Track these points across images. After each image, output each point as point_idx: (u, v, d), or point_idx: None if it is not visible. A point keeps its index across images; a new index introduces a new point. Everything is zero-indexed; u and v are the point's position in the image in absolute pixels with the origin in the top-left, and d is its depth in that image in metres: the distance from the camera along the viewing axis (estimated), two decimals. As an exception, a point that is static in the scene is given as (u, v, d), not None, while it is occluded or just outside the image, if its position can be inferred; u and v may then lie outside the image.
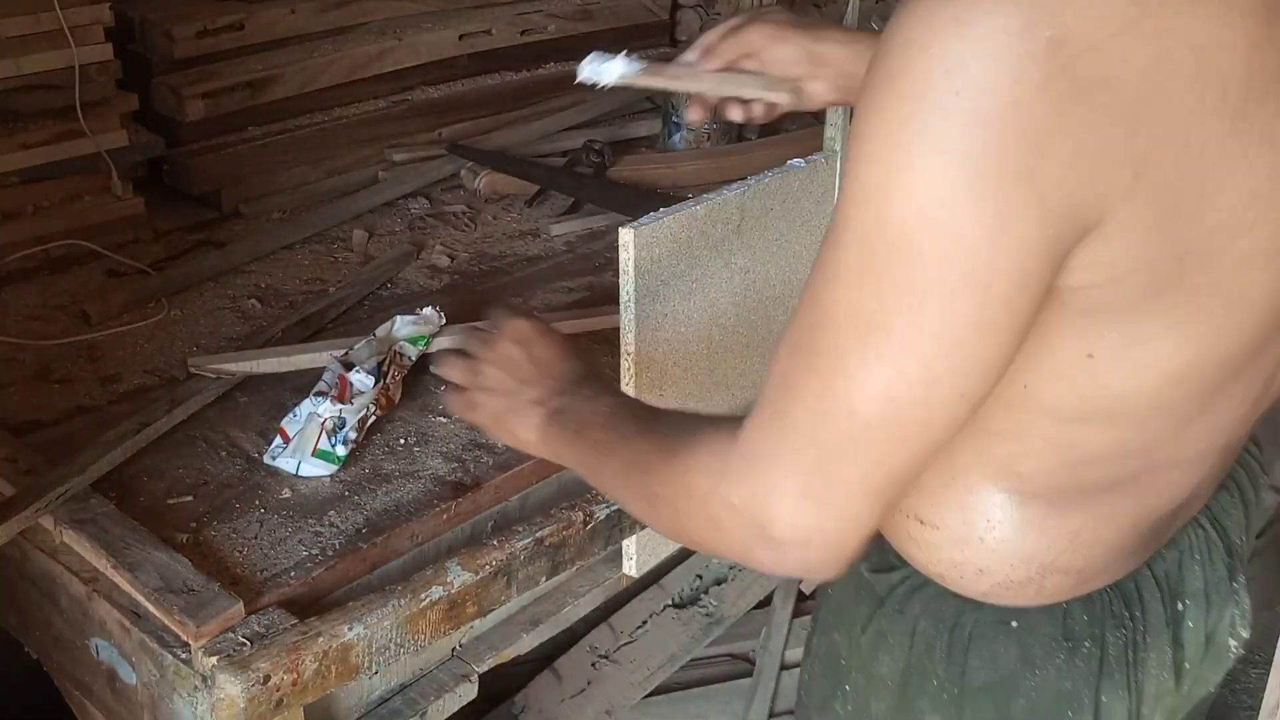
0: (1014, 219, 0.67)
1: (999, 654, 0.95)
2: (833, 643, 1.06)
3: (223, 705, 1.18)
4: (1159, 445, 0.87)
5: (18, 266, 1.95)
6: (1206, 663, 1.02)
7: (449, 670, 1.53)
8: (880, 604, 0.99)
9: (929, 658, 0.97)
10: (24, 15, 1.93)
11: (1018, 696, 0.95)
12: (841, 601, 1.05)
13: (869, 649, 1.00)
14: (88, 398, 1.64)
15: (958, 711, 0.97)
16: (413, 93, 2.56)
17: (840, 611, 1.05)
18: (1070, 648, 0.95)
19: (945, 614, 0.96)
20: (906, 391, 0.72)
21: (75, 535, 1.32)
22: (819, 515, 0.76)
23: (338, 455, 1.47)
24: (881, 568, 1.00)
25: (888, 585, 0.99)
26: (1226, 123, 0.70)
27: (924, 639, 0.97)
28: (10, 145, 1.96)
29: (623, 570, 1.68)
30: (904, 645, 0.98)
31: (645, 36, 3.00)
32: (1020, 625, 0.95)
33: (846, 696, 1.05)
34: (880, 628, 0.99)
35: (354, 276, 1.99)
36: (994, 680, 0.96)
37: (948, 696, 0.97)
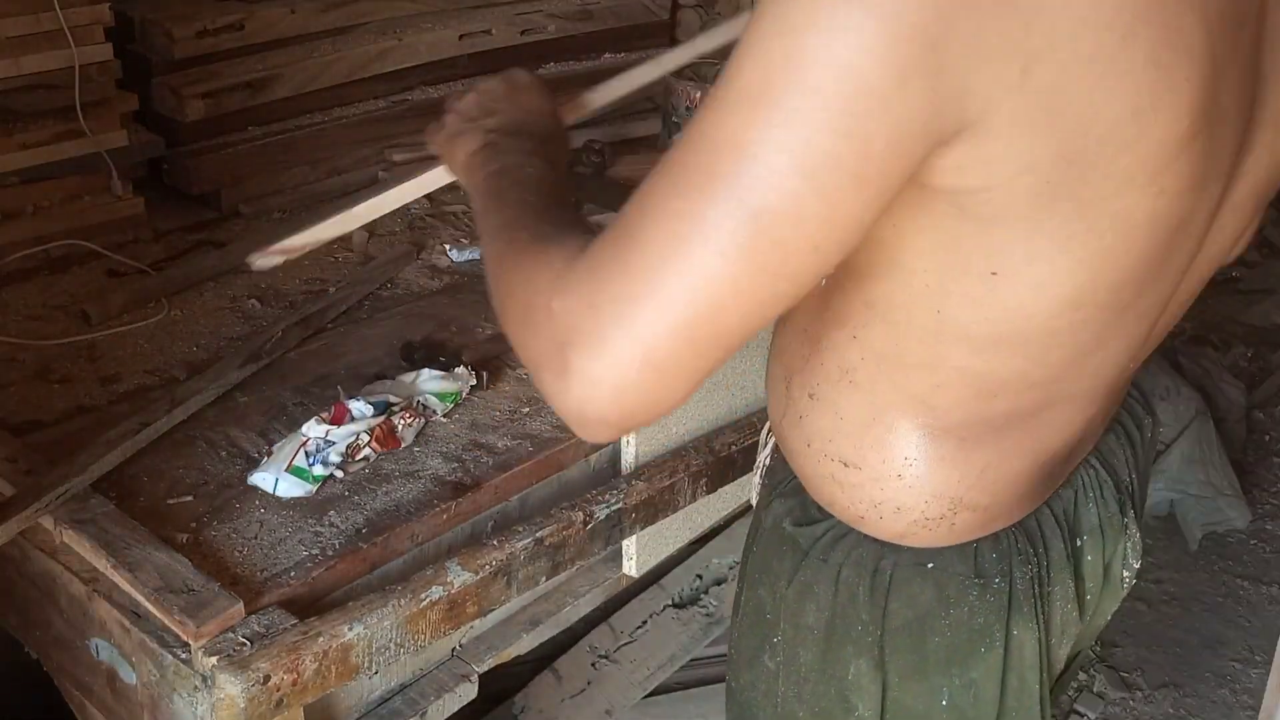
0: (912, 82, 0.69)
1: (916, 595, 0.99)
2: (758, 599, 1.08)
3: (223, 705, 1.18)
4: (1058, 378, 0.92)
5: (18, 266, 1.95)
6: (1105, 594, 1.10)
7: (449, 670, 1.53)
8: (805, 556, 1.02)
9: (852, 604, 1.00)
10: (24, 15, 1.92)
11: (934, 635, 1.00)
12: (765, 558, 1.07)
13: (795, 600, 1.03)
14: (88, 398, 1.64)
15: (879, 653, 1.00)
16: (413, 93, 2.56)
17: (764, 568, 1.07)
18: (981, 585, 1.00)
19: (866, 560, 0.99)
20: (769, 228, 0.71)
21: (75, 535, 1.32)
22: (627, 354, 0.74)
23: (314, 475, 1.45)
24: (804, 521, 1.03)
25: (811, 537, 1.02)
26: (1117, 38, 0.72)
27: (847, 586, 1.00)
28: (10, 145, 1.96)
29: (622, 570, 1.68)
30: (829, 594, 1.01)
31: (645, 36, 3.00)
32: (935, 565, 0.99)
33: (775, 649, 1.07)
34: (806, 579, 1.02)
35: (354, 277, 1.99)
36: (911, 620, 1.00)
37: (871, 639, 1.00)
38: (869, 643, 1.01)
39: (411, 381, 1.64)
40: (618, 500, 1.49)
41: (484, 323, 1.87)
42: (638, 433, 1.56)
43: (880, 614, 1.00)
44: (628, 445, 1.57)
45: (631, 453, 1.57)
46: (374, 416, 1.52)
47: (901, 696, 1.02)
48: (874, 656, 1.01)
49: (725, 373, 1.68)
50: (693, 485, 1.59)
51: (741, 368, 1.70)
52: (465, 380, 1.66)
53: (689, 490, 1.59)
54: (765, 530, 1.07)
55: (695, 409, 1.65)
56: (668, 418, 1.60)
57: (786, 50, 0.70)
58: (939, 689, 1.02)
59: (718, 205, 0.71)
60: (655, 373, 0.74)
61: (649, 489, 1.52)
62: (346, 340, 1.80)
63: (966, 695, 1.02)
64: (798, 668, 1.05)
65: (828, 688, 1.04)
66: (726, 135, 0.72)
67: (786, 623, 1.05)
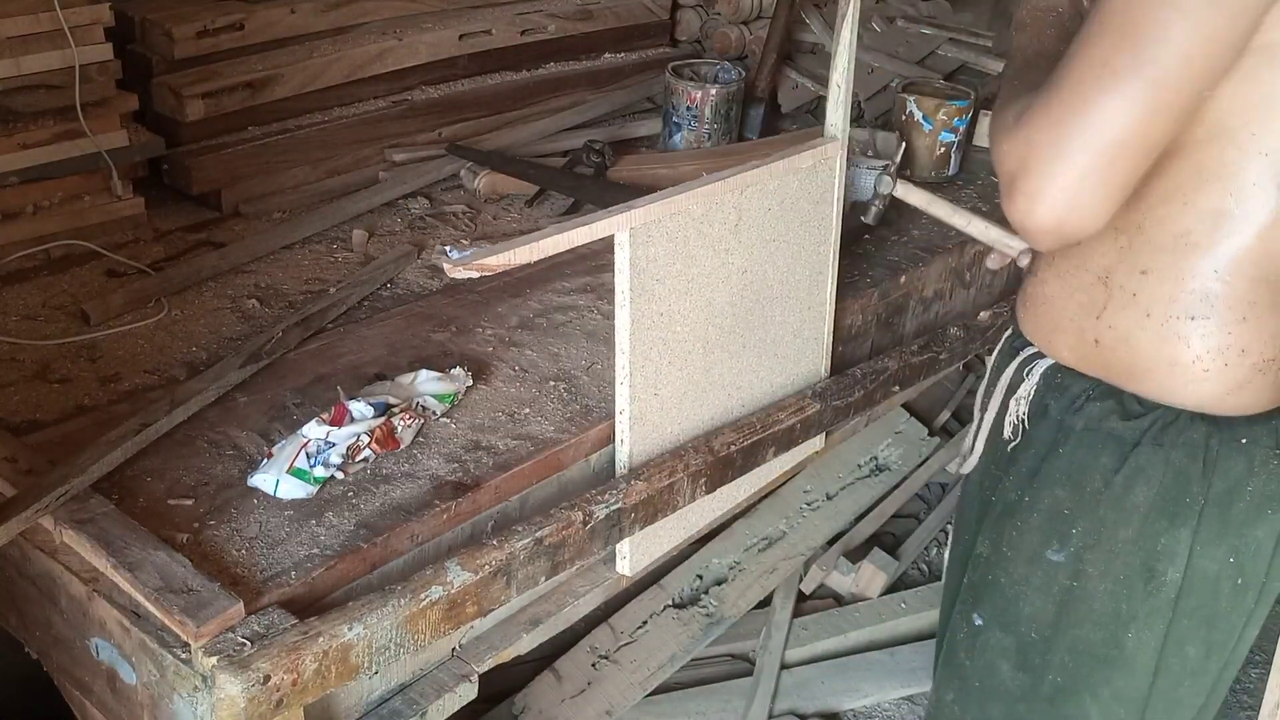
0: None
1: (1231, 468, 1.18)
2: (1055, 498, 1.25)
3: (223, 705, 1.18)
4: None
5: (18, 266, 1.96)
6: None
7: (449, 670, 1.53)
8: (1135, 446, 1.20)
9: (1180, 481, 1.18)
10: (24, 15, 1.93)
11: (1239, 500, 1.19)
12: (1075, 458, 1.24)
13: (1124, 485, 1.20)
14: (88, 398, 1.64)
15: (1197, 521, 1.19)
16: (413, 93, 2.56)
17: (1073, 468, 1.24)
18: (1279, 454, 1.19)
19: (1197, 440, 1.18)
20: (1176, 80, 1.01)
21: (75, 535, 1.32)
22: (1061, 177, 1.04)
23: (315, 477, 1.45)
24: (1130, 416, 1.20)
25: (1138, 429, 1.20)
26: None
27: (1175, 466, 1.18)
28: (10, 145, 1.96)
29: (617, 570, 1.68)
30: (1159, 474, 1.19)
31: (645, 36, 3.00)
32: (1248, 440, 1.19)
33: (1068, 540, 1.24)
34: (1138, 463, 1.20)
35: (354, 277, 1.99)
36: (1223, 490, 1.19)
37: (1196, 509, 1.19)
38: (1193, 512, 1.19)
39: (410, 383, 1.64)
40: (617, 500, 1.49)
41: (483, 322, 1.88)
42: (631, 432, 1.56)
43: (1207, 486, 1.18)
44: (621, 445, 1.57)
45: (625, 452, 1.57)
46: (374, 418, 1.52)
47: (1201, 559, 1.20)
48: (1192, 525, 1.19)
49: (721, 372, 1.68)
50: (692, 485, 1.59)
51: (738, 367, 1.70)
52: (462, 380, 1.67)
53: (688, 490, 1.59)
54: (1077, 433, 1.23)
55: (691, 409, 1.65)
56: (662, 419, 1.60)
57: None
58: (1233, 548, 1.21)
59: (1125, 53, 1.01)
60: (1082, 189, 1.04)
61: (648, 489, 1.52)
62: (346, 340, 1.80)
63: (1249, 552, 1.22)
64: (1111, 546, 1.22)
65: (1134, 559, 1.21)
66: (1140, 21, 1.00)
67: (1106, 508, 1.21)
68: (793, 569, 2.56)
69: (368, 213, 2.23)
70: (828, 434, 1.92)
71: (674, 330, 1.56)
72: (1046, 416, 1.28)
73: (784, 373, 1.79)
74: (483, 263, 1.33)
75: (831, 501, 2.69)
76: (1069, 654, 1.27)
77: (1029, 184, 1.05)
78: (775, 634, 2.43)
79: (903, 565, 2.66)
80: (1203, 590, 1.22)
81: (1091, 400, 1.23)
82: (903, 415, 2.85)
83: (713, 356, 1.65)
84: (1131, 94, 1.01)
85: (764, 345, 1.73)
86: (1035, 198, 1.05)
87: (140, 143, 2.13)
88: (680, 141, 2.55)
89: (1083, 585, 1.25)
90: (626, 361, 1.51)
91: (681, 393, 1.61)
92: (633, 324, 1.50)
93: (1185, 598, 1.22)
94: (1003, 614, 1.31)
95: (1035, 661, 1.29)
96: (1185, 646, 1.25)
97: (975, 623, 1.34)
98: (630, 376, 1.52)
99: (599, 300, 1.96)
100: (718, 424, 1.69)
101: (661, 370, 1.57)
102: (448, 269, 1.31)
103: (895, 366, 1.94)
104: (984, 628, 1.33)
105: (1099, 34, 1.03)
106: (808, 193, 1.73)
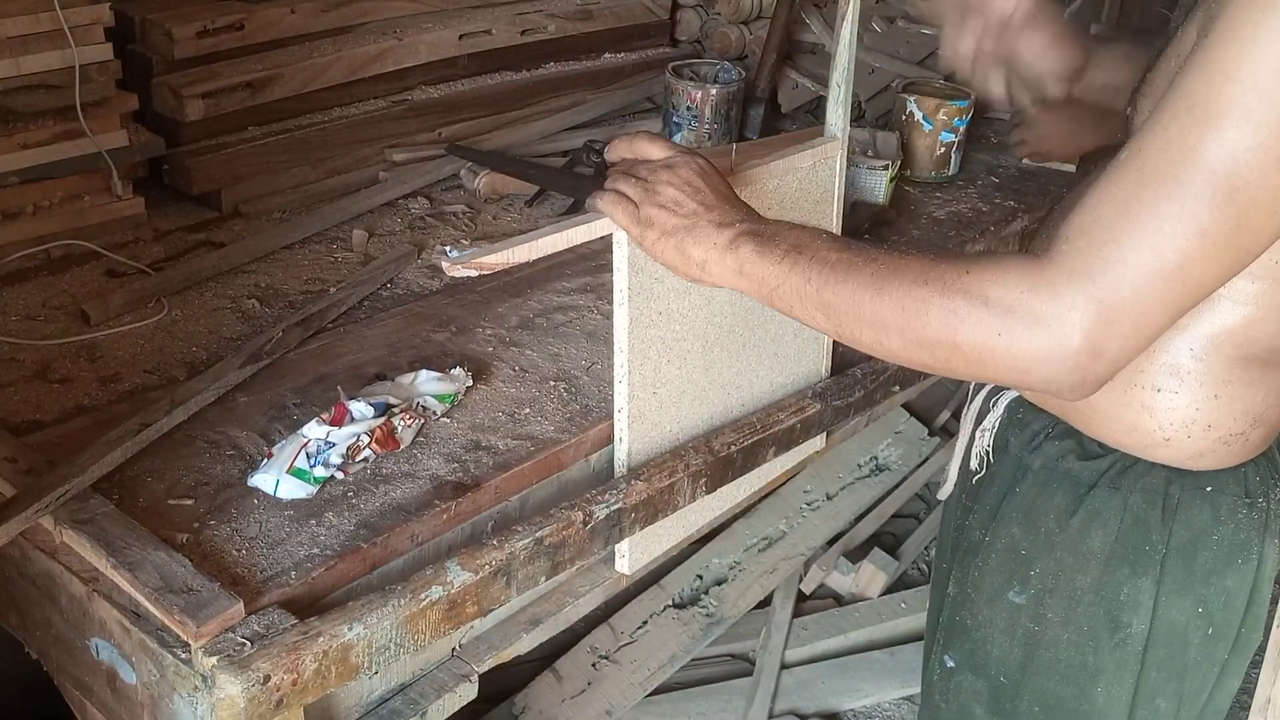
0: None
1: (1194, 516, 1.14)
2: (1011, 537, 1.21)
3: (223, 705, 1.18)
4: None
5: (18, 266, 1.95)
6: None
7: (449, 670, 1.53)
8: (1090, 488, 1.15)
9: (1139, 527, 1.14)
10: (24, 15, 1.92)
11: (1204, 550, 1.15)
12: (1030, 498, 1.20)
13: (1079, 529, 1.16)
14: (88, 398, 1.64)
15: (1159, 571, 1.15)
16: (413, 93, 2.56)
17: (1029, 508, 1.20)
18: (1249, 503, 1.16)
19: (1157, 486, 1.14)
20: (1225, 233, 0.91)
21: (75, 535, 1.32)
22: (1117, 337, 0.93)
23: (315, 476, 1.45)
24: (1087, 456, 1.16)
25: (1095, 471, 1.15)
26: None
27: (1133, 512, 1.14)
28: (10, 145, 1.96)
29: (616, 569, 1.68)
30: (1116, 519, 1.15)
31: (645, 36, 3.00)
32: (1213, 488, 1.14)
33: (1027, 583, 1.21)
34: (1093, 507, 1.16)
35: (354, 277, 1.99)
36: (1187, 540, 1.15)
37: (1156, 558, 1.14)
38: (1154, 561, 1.15)
39: (410, 383, 1.64)
40: (617, 500, 1.49)
41: (483, 322, 1.88)
42: (630, 430, 1.56)
43: (1167, 534, 1.14)
44: (620, 443, 1.57)
45: (624, 450, 1.57)
46: (374, 418, 1.52)
47: (1167, 610, 1.17)
48: (1154, 575, 1.15)
49: (721, 372, 1.68)
50: (692, 485, 1.59)
51: (737, 367, 1.70)
52: (462, 380, 1.67)
53: (688, 490, 1.59)
54: (1034, 472, 1.20)
55: (690, 408, 1.65)
56: (661, 418, 1.60)
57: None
58: (1200, 599, 1.17)
59: (1227, 223, 0.90)
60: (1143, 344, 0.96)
61: (648, 489, 1.52)
62: (346, 340, 1.80)
63: (1219, 603, 1.17)
64: (1070, 592, 1.18)
65: (1097, 609, 1.17)
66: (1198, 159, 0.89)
67: (1062, 550, 1.17)
68: (793, 569, 2.56)
69: (368, 213, 2.23)
70: (828, 434, 1.92)
71: (673, 329, 1.57)
72: (1007, 452, 1.25)
73: (784, 372, 1.80)
74: (481, 261, 1.33)
75: (831, 501, 2.70)
76: (1039, 705, 1.23)
77: (1107, 345, 0.94)
78: (775, 634, 2.44)
79: (903, 565, 2.66)
80: (1171, 642, 1.18)
81: (1050, 439, 1.19)
82: (903, 415, 2.86)
83: (712, 355, 1.65)
84: (1222, 260, 0.93)
85: (764, 344, 1.73)
86: (1099, 359, 0.95)
87: (140, 143, 2.13)
88: (680, 141, 2.55)
89: (1045, 631, 1.21)
90: (625, 360, 1.51)
91: (680, 391, 1.62)
92: (631, 322, 1.50)
93: (1153, 649, 1.18)
94: (971, 656, 1.28)
95: (1006, 707, 1.26)
96: (1156, 700, 1.21)
97: (947, 664, 1.32)
98: (629, 375, 1.52)
99: (599, 300, 1.96)
100: (717, 423, 1.69)
101: (660, 369, 1.57)
102: (446, 268, 1.30)
103: (895, 366, 1.95)
104: (955, 670, 1.30)
105: (1197, 188, 0.90)
106: (808, 192, 1.73)
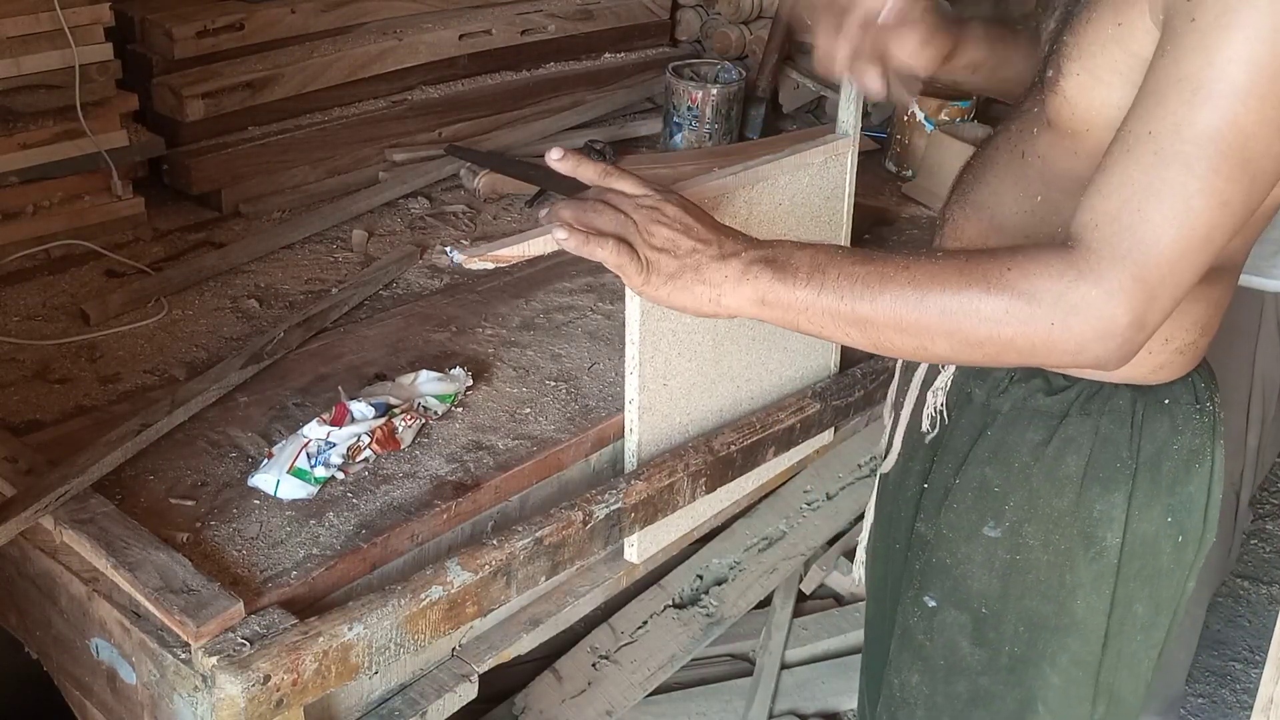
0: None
1: (1156, 430, 1.21)
2: (983, 477, 1.27)
3: (223, 705, 1.18)
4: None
5: (18, 266, 1.95)
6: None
7: (449, 670, 1.53)
8: (1061, 419, 1.21)
9: (1109, 446, 1.21)
10: (24, 15, 1.92)
11: (1166, 460, 1.22)
12: (999, 438, 1.25)
13: (1054, 456, 1.22)
14: (87, 398, 1.64)
15: (1130, 486, 1.21)
16: (413, 93, 2.56)
17: (999, 447, 1.25)
18: (1199, 410, 1.23)
19: (1123, 407, 1.20)
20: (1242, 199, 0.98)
21: (75, 535, 1.32)
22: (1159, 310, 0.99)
23: (315, 477, 1.45)
24: (1055, 391, 1.22)
25: (1065, 402, 1.21)
26: None
27: (1103, 434, 1.21)
28: (10, 145, 1.96)
29: (625, 557, 1.68)
30: (1088, 443, 1.21)
31: (645, 36, 3.00)
32: (1170, 400, 1.21)
33: (1002, 516, 1.26)
34: (1066, 435, 1.22)
35: (357, 277, 1.99)
36: (1153, 452, 1.21)
37: (1127, 473, 1.21)
38: (1126, 476, 1.21)
39: (411, 383, 1.64)
40: (617, 500, 1.49)
41: (483, 322, 1.88)
42: (640, 421, 1.56)
43: (1136, 450, 1.21)
44: (631, 434, 1.57)
45: (634, 441, 1.57)
46: (375, 418, 1.52)
47: (1138, 522, 1.23)
48: (1126, 490, 1.21)
49: (730, 364, 1.68)
50: (692, 485, 1.59)
51: (747, 359, 1.71)
52: (463, 381, 1.67)
53: (688, 490, 1.59)
54: (1003, 415, 1.25)
55: (700, 400, 1.65)
56: (671, 409, 1.61)
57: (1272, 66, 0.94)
58: (1168, 508, 1.23)
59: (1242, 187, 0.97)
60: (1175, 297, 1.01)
61: (648, 488, 1.52)
62: (346, 340, 1.80)
63: (1183, 509, 1.24)
64: (1047, 516, 1.24)
65: (1073, 529, 1.23)
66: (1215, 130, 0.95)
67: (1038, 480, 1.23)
68: (793, 569, 2.56)
69: (368, 213, 2.23)
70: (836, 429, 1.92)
71: (683, 321, 1.57)
72: (971, 403, 1.30)
73: (793, 366, 1.81)
74: (498, 254, 1.35)
75: (831, 501, 2.69)
76: (1022, 625, 1.29)
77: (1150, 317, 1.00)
78: (775, 634, 2.44)
79: (903, 565, 2.67)
80: (1144, 552, 1.25)
81: (1016, 382, 1.25)
82: (903, 415, 2.85)
83: (722, 349, 1.66)
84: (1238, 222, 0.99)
85: (773, 338, 1.74)
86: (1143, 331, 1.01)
87: (140, 143, 2.13)
88: (681, 141, 2.55)
89: (1025, 557, 1.27)
90: (636, 352, 1.52)
91: (690, 384, 1.62)
92: (642, 315, 1.51)
93: (1128, 561, 1.25)
94: (953, 593, 1.33)
95: (990, 635, 1.31)
96: (1134, 605, 1.28)
97: (928, 604, 1.35)
98: (640, 367, 1.53)
99: (600, 300, 1.96)
100: (727, 416, 1.70)
101: (671, 361, 1.58)
102: (463, 260, 1.32)
103: (896, 366, 1.94)
104: (938, 608, 1.34)
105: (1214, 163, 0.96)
106: (819, 189, 1.74)
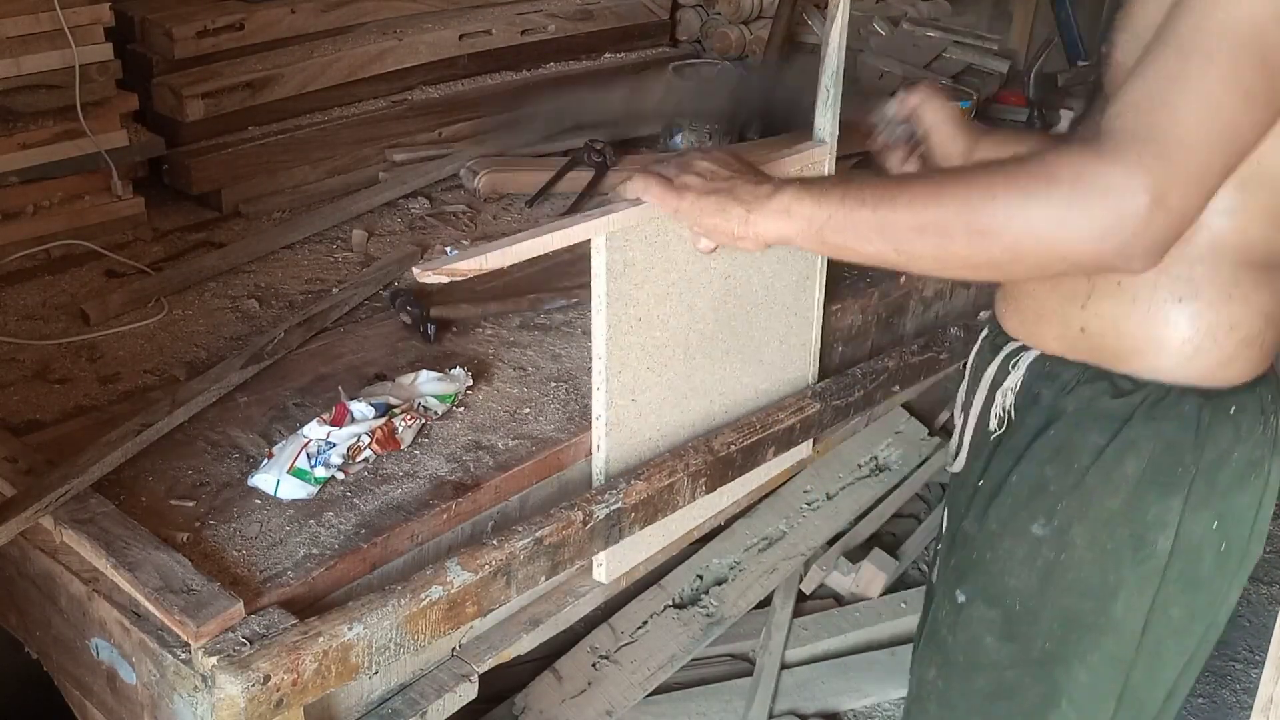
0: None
1: (1219, 437, 1.22)
2: (1041, 475, 1.27)
3: (223, 705, 1.18)
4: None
5: (18, 266, 1.96)
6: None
7: (449, 670, 1.53)
8: (1124, 422, 1.22)
9: (1171, 451, 1.22)
10: (24, 15, 1.93)
11: (1225, 468, 1.23)
12: (1062, 437, 1.26)
13: (1114, 458, 1.23)
14: (87, 398, 1.64)
15: (1186, 490, 1.22)
16: (413, 93, 2.56)
17: (1061, 446, 1.26)
18: (1263, 421, 1.24)
19: (1189, 413, 1.21)
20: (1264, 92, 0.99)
21: (75, 535, 1.32)
22: (1180, 194, 1.00)
23: (315, 477, 1.45)
24: (1120, 394, 1.23)
25: (1129, 406, 1.23)
26: None
27: (1166, 438, 1.22)
28: (10, 145, 1.97)
29: (594, 577, 1.66)
30: (1150, 447, 1.22)
31: (645, 36, 3.00)
32: (1236, 409, 1.22)
33: (1053, 514, 1.27)
34: (1129, 438, 1.22)
35: (358, 277, 1.99)
36: (1214, 458, 1.22)
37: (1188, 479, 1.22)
38: (1185, 482, 1.22)
39: (411, 383, 1.64)
40: (617, 500, 1.49)
41: (484, 322, 1.87)
42: (608, 438, 1.55)
43: (1199, 456, 1.21)
44: (598, 451, 1.56)
45: (602, 459, 1.56)
46: (375, 418, 1.52)
47: (1189, 527, 1.23)
48: (1183, 495, 1.22)
49: (702, 379, 1.66)
50: (692, 485, 1.59)
51: (720, 374, 1.68)
52: (463, 380, 1.67)
53: (688, 490, 1.59)
54: (1068, 415, 1.26)
55: (671, 415, 1.65)
56: (640, 425, 1.59)
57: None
58: (1217, 514, 1.24)
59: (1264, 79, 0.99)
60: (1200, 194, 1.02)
61: (648, 489, 1.52)
62: (346, 340, 1.80)
63: (1233, 517, 1.26)
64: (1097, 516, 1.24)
65: (1123, 530, 1.24)
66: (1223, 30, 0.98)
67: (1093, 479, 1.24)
68: (793, 569, 2.56)
69: (368, 213, 2.23)
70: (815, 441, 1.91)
71: (653, 335, 1.55)
72: (1038, 403, 1.30)
73: (769, 379, 1.78)
74: (454, 268, 1.27)
75: (831, 501, 2.69)
76: (1057, 622, 1.29)
77: (1172, 198, 1.00)
78: (775, 634, 2.44)
79: (903, 565, 2.66)
80: (1189, 556, 1.26)
81: (1083, 383, 1.26)
82: (903, 415, 2.85)
83: (694, 363, 1.63)
84: (1260, 119, 1.01)
85: (747, 351, 1.72)
86: (1167, 212, 1.00)
87: (140, 143, 2.13)
88: (680, 142, 2.55)
89: (1070, 556, 1.28)
90: (603, 366, 1.50)
91: (661, 399, 1.60)
92: (609, 328, 1.48)
93: (1173, 564, 1.25)
94: (986, 589, 1.33)
95: (1022, 630, 1.31)
96: (1170, 609, 1.28)
97: (959, 600, 1.36)
98: (607, 382, 1.50)
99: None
100: (699, 430, 1.67)
101: (640, 376, 1.55)
102: (418, 274, 1.26)
103: (895, 366, 1.94)
104: (967, 604, 1.35)
105: (1233, 53, 0.99)
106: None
